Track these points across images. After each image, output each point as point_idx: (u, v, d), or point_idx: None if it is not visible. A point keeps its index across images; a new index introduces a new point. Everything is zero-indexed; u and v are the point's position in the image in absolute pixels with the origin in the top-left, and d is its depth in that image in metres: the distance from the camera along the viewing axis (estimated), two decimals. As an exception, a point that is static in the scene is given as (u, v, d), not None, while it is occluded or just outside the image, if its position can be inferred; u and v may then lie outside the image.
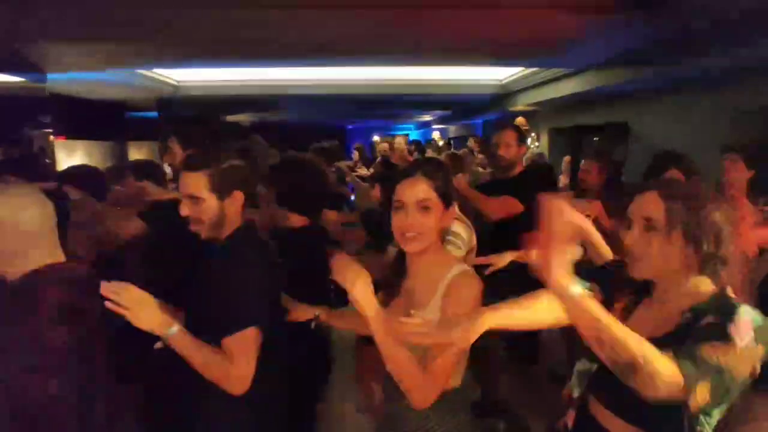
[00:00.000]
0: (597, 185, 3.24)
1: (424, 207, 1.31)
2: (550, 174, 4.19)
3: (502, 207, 2.71)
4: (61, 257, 1.36)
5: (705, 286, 1.07)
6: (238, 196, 1.49)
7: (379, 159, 5.94)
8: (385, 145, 7.06)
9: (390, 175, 2.94)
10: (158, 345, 1.45)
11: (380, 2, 3.03)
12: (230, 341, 1.35)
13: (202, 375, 1.35)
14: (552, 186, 3.07)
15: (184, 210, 1.46)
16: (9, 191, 1.30)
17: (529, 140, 7.72)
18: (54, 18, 3.03)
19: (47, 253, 1.32)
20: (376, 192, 2.90)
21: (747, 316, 0.96)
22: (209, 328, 1.38)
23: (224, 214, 1.47)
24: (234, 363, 1.34)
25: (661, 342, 0.94)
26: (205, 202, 1.44)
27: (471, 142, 7.85)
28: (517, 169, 2.94)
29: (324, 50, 4.17)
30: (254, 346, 1.38)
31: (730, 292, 1.05)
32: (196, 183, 1.44)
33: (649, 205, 1.08)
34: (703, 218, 1.03)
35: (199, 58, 4.70)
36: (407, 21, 3.23)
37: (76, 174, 2.58)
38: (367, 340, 2.26)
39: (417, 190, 1.31)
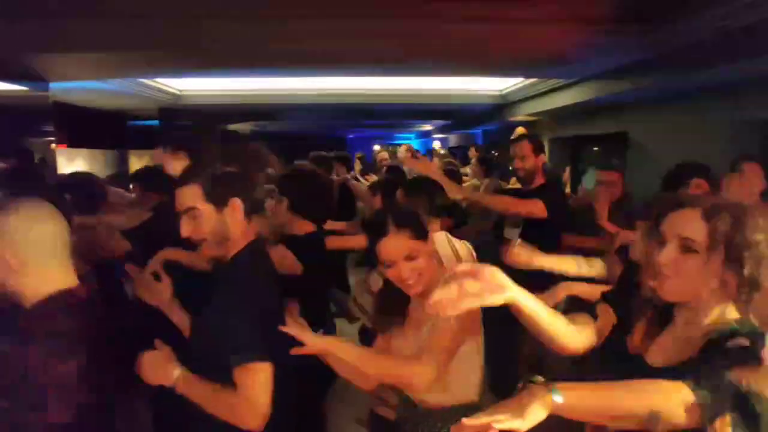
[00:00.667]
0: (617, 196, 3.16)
1: (409, 257, 1.38)
2: (563, 188, 4.17)
3: (526, 206, 2.66)
4: (74, 281, 1.30)
5: (731, 313, 1.01)
6: (237, 204, 1.41)
7: (385, 167, 5.94)
8: (385, 154, 7.09)
9: (392, 181, 2.95)
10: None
11: (381, 13, 3.06)
12: (243, 373, 1.28)
13: (215, 414, 1.29)
14: (565, 200, 3.02)
15: (185, 230, 1.39)
16: (23, 206, 1.26)
17: None
18: (58, 28, 3.06)
19: (62, 274, 1.27)
20: (378, 200, 2.89)
21: None
22: (216, 355, 1.32)
23: (225, 225, 1.40)
24: (248, 397, 1.27)
25: (682, 368, 0.91)
26: (203, 214, 1.38)
27: (471, 152, 7.88)
28: (538, 181, 2.88)
29: (324, 60, 4.20)
30: (269, 377, 1.30)
31: (754, 319, 0.99)
32: (191, 195, 1.38)
33: (690, 224, 0.99)
34: (747, 240, 0.95)
35: (201, 67, 4.72)
36: (408, 32, 3.25)
37: (71, 183, 2.54)
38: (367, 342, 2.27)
39: (399, 247, 1.38)
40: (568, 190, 5.94)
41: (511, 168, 3.09)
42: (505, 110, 6.97)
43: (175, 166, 2.32)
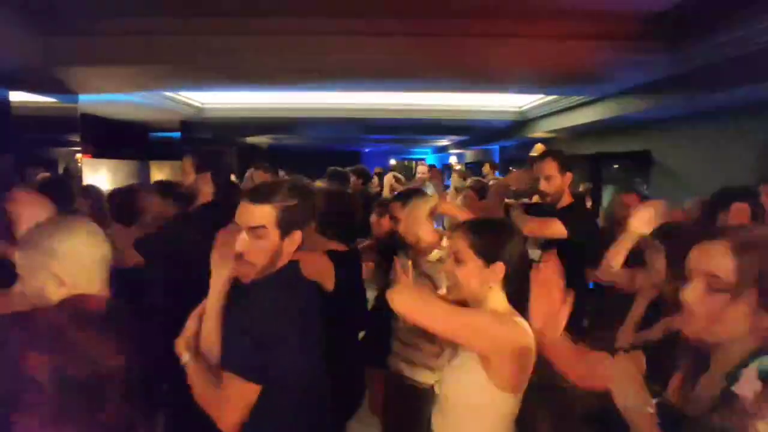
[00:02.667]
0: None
1: (457, 260, 1.37)
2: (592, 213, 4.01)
3: (541, 227, 2.52)
4: (104, 290, 1.36)
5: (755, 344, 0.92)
6: (297, 236, 1.38)
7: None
8: (424, 168, 7.13)
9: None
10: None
11: (400, 29, 3.09)
12: (228, 378, 1.29)
13: (201, 404, 1.34)
14: (592, 218, 2.84)
15: (242, 246, 1.33)
16: (73, 225, 1.34)
17: None
18: (87, 44, 3.14)
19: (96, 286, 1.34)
20: (386, 222, 2.79)
21: None
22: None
23: (281, 253, 1.37)
24: (226, 399, 1.29)
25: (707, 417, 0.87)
26: (269, 236, 1.34)
27: (486, 168, 7.86)
28: (565, 201, 2.66)
29: (342, 75, 4.24)
30: (249, 398, 1.29)
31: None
32: (264, 214, 1.33)
33: (716, 260, 0.92)
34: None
35: (222, 81, 4.80)
36: (428, 48, 3.27)
37: (88, 194, 2.54)
38: (376, 366, 2.25)
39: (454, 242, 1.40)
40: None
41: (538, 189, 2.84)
42: (524, 127, 6.95)
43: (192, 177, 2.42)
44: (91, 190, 3.31)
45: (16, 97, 3.72)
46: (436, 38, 3.15)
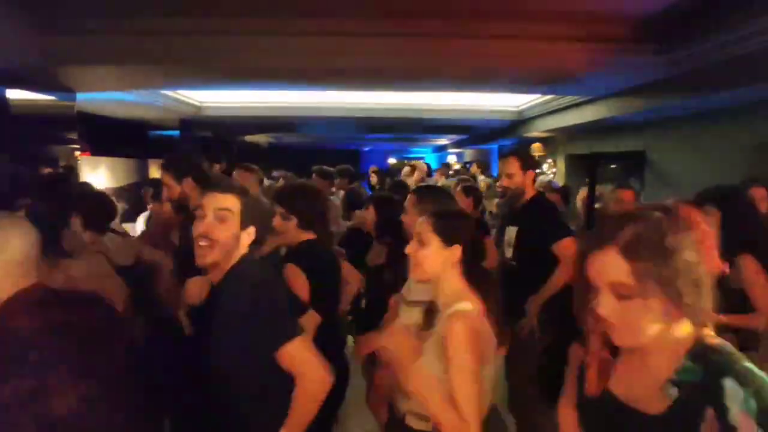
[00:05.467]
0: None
1: (420, 241, 1.51)
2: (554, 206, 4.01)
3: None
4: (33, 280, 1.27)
5: (682, 330, 0.91)
6: (252, 233, 1.52)
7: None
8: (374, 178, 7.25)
9: (384, 197, 2.95)
10: None
11: (399, 31, 3.12)
12: (290, 349, 1.39)
13: (309, 416, 1.41)
14: (554, 218, 2.82)
15: (201, 227, 1.44)
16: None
17: (545, 166, 7.73)
18: (86, 42, 3.17)
19: (22, 279, 1.25)
20: (370, 213, 2.83)
21: (738, 392, 0.82)
22: (241, 352, 1.40)
23: (236, 244, 1.48)
24: (306, 368, 1.39)
25: (656, 423, 0.89)
26: (232, 222, 1.46)
27: (474, 168, 7.93)
28: (527, 196, 2.77)
29: (342, 75, 4.26)
30: (312, 346, 1.44)
31: (707, 335, 0.91)
32: (229, 201, 1.48)
33: (612, 267, 0.88)
34: (677, 266, 0.86)
35: (221, 80, 4.83)
36: (427, 49, 3.30)
37: (83, 204, 2.41)
38: (372, 363, 2.29)
39: (419, 225, 1.53)
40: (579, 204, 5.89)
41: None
42: (522, 126, 6.98)
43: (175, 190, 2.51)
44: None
45: (14, 95, 3.75)
46: (432, 39, 3.17)
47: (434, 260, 1.49)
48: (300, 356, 1.40)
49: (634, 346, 0.93)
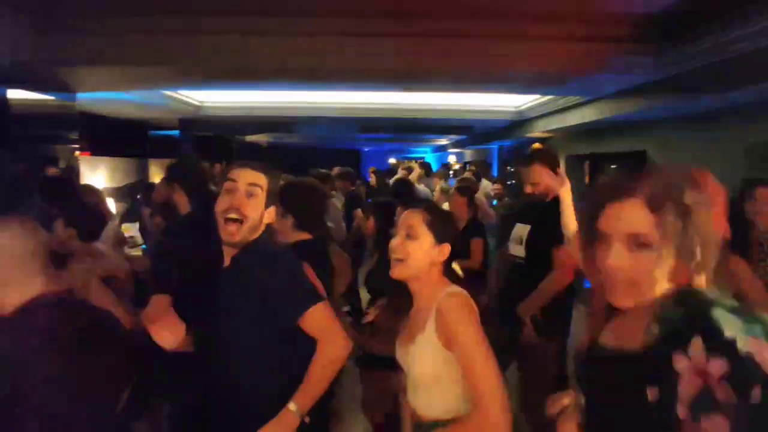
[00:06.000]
0: None
1: (408, 235, 1.43)
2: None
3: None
4: (53, 286, 1.29)
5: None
6: (272, 213, 1.56)
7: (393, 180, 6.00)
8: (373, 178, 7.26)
9: (383, 204, 2.95)
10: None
11: (398, 30, 3.11)
12: (314, 313, 1.43)
13: (326, 382, 1.44)
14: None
15: (233, 201, 1.45)
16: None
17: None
18: (86, 42, 3.17)
19: (37, 282, 1.27)
20: (371, 222, 2.83)
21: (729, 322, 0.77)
22: (263, 323, 1.46)
23: (261, 223, 1.51)
24: (328, 333, 1.44)
25: (636, 360, 0.85)
26: (260, 199, 1.49)
27: (468, 174, 7.96)
28: (549, 197, 2.58)
29: (342, 75, 4.26)
30: (332, 312, 1.49)
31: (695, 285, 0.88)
32: (260, 178, 1.50)
33: (635, 217, 0.85)
34: (695, 224, 0.84)
35: (221, 80, 4.82)
36: (426, 48, 3.30)
37: (76, 213, 2.38)
38: (366, 365, 2.28)
39: (409, 219, 1.46)
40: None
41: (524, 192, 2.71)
42: (522, 126, 6.98)
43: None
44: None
45: (15, 95, 3.74)
46: (431, 39, 3.17)
47: (423, 256, 1.42)
48: (323, 321, 1.44)
49: (637, 304, 0.88)
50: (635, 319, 0.90)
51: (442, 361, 1.36)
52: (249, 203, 1.46)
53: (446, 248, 1.45)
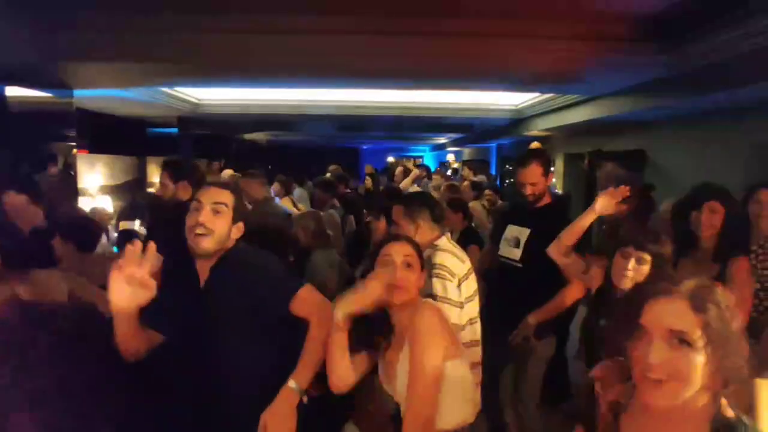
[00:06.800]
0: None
1: (408, 264, 1.54)
2: (566, 209, 3.96)
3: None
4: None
5: (703, 399, 0.88)
6: (241, 228, 1.65)
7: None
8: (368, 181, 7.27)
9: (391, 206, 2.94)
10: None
11: (399, 29, 3.10)
12: (302, 295, 1.56)
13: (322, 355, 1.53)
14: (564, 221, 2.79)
15: (199, 217, 1.55)
16: None
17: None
18: (83, 39, 3.15)
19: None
20: (383, 224, 2.80)
21: None
22: (248, 322, 1.56)
23: (228, 236, 1.60)
24: (318, 308, 1.55)
25: None
26: (227, 216, 1.58)
27: (466, 171, 7.96)
28: (545, 200, 2.65)
29: (342, 74, 4.25)
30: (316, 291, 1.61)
31: (725, 406, 0.89)
32: (226, 196, 1.60)
33: (679, 314, 0.87)
34: (731, 330, 0.87)
35: (219, 78, 4.81)
36: (426, 47, 3.29)
37: (69, 226, 2.39)
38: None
39: (404, 250, 1.57)
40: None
41: (519, 193, 2.72)
42: (521, 125, 6.98)
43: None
44: None
45: (12, 92, 3.72)
46: (431, 37, 3.15)
47: (420, 284, 1.58)
48: (312, 299, 1.58)
49: (675, 402, 0.88)
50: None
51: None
52: (215, 219, 1.56)
53: (425, 274, 1.61)
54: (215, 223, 1.55)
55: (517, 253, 2.62)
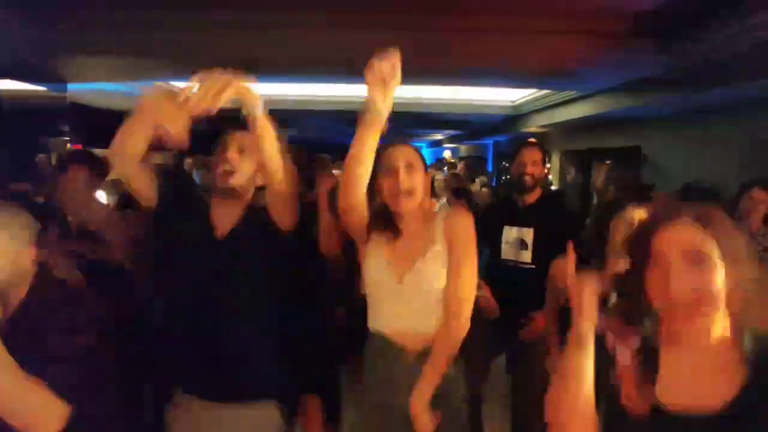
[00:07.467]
0: None
1: (409, 165, 1.58)
2: (564, 203, 3.95)
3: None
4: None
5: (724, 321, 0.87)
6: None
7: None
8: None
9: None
10: None
11: (395, 24, 3.09)
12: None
13: None
14: (565, 215, 2.68)
15: (227, 155, 1.63)
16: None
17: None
18: (77, 33, 3.12)
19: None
20: None
21: None
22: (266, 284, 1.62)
23: (253, 180, 1.67)
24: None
25: (724, 418, 0.80)
26: (252, 159, 1.64)
27: (461, 168, 7.96)
28: (536, 194, 2.63)
29: (338, 69, 4.23)
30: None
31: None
32: (250, 139, 1.62)
33: (691, 235, 0.87)
34: (739, 246, 0.88)
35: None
36: (422, 42, 3.27)
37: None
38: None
39: (404, 153, 1.63)
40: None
41: (516, 176, 2.68)
42: (517, 121, 6.97)
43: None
44: None
45: (5, 85, 3.69)
46: (428, 33, 3.14)
47: (426, 185, 1.60)
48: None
49: (704, 325, 0.87)
50: (703, 366, 0.88)
51: (444, 276, 1.51)
52: (241, 159, 1.64)
53: (430, 176, 1.64)
54: (241, 163, 1.63)
55: (526, 255, 2.54)
